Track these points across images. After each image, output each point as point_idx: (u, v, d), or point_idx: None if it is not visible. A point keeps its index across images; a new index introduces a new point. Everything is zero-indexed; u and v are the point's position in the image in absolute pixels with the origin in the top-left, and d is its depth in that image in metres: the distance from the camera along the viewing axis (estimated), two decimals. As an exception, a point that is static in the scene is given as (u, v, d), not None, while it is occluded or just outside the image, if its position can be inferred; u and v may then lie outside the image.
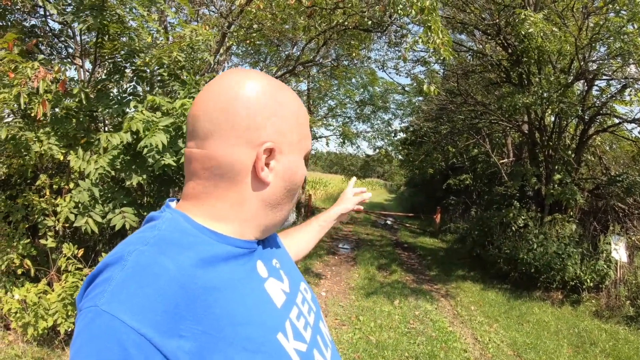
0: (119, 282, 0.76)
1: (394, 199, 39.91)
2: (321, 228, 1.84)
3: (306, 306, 1.08)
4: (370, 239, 15.23)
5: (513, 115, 10.64)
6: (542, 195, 10.38)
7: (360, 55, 13.07)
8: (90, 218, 4.17)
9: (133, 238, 0.87)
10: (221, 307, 0.82)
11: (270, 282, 0.98)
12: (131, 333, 0.71)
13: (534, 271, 8.88)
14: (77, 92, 4.48)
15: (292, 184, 1.00)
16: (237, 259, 0.92)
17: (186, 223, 0.91)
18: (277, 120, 0.94)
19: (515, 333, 6.74)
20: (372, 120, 19.04)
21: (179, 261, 0.82)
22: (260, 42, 11.10)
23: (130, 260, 0.79)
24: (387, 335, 6.14)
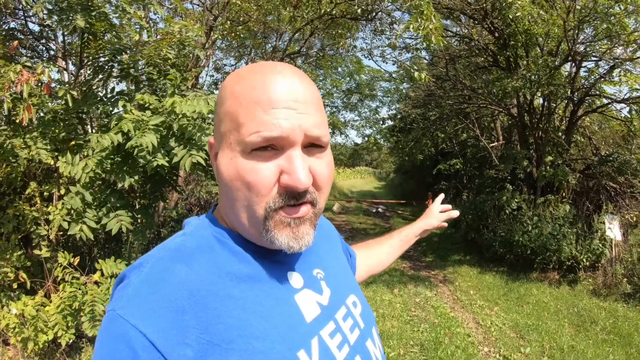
0: (134, 288, 0.78)
1: (384, 186, 39.93)
2: (402, 243, 1.74)
3: (349, 322, 0.99)
4: (363, 228, 15.29)
5: (503, 99, 10.66)
6: (534, 178, 10.43)
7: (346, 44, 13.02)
8: (85, 224, 4.05)
9: (163, 244, 0.88)
10: (233, 316, 0.80)
11: (304, 294, 0.92)
12: (140, 337, 0.73)
13: (529, 253, 8.93)
14: (62, 94, 4.37)
15: (224, 183, 0.88)
16: (261, 264, 0.89)
17: (211, 227, 0.91)
18: (228, 109, 0.87)
19: (516, 315, 6.78)
20: (359, 109, 19.03)
21: (194, 267, 0.82)
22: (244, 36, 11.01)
23: (147, 266, 0.81)
24: (390, 325, 6.15)
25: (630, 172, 9.53)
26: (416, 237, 1.77)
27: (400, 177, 29.30)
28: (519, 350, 5.62)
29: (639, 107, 9.27)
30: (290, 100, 0.83)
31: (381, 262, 1.66)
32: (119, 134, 3.97)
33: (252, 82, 0.85)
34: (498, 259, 9.88)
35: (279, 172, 0.83)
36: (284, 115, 0.82)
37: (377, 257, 1.64)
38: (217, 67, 14.88)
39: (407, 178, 25.55)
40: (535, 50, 10.34)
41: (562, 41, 9.47)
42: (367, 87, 17.82)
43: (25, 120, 3.94)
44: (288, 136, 0.82)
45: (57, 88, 4.57)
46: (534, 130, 10.76)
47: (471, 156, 16.93)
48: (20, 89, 3.87)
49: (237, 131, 0.84)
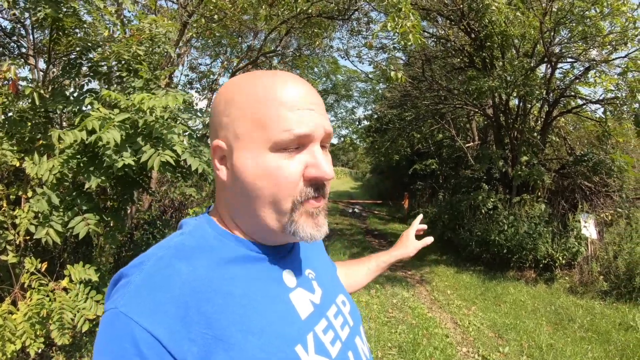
0: (136, 286, 0.80)
1: (360, 186, 40.00)
2: (378, 269, 1.75)
3: (340, 320, 1.04)
4: (340, 229, 15.22)
5: (478, 98, 10.70)
6: (509, 177, 10.48)
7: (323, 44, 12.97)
8: (51, 228, 3.90)
9: (161, 243, 0.90)
10: (235, 313, 0.82)
11: (298, 293, 0.96)
12: (145, 334, 0.74)
13: (506, 252, 8.97)
14: (29, 92, 4.19)
15: (242, 185, 0.91)
16: (259, 263, 0.92)
17: (209, 228, 0.93)
18: (234, 113, 0.91)
19: (493, 314, 6.78)
20: (335, 109, 19.01)
21: (195, 265, 0.84)
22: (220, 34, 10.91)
23: (148, 264, 0.83)
24: (367, 327, 6.08)
25: (604, 172, 9.63)
26: (391, 264, 1.80)
27: (377, 177, 29.36)
28: (498, 349, 5.60)
29: (613, 108, 9.36)
30: (309, 102, 0.91)
31: (357, 283, 1.69)
32: (84, 131, 3.82)
33: (270, 85, 0.90)
34: (474, 258, 9.90)
35: (304, 167, 0.90)
36: (308, 115, 0.90)
37: (354, 277, 1.67)
38: (192, 66, 14.75)
39: (383, 178, 25.61)
40: (511, 51, 10.40)
41: (538, 43, 9.52)
42: (343, 87, 17.80)
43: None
44: (313, 133, 0.90)
45: (24, 86, 4.40)
46: (510, 131, 10.82)
47: (447, 156, 17.03)
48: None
49: (263, 130, 0.88)
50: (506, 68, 9.40)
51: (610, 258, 7.92)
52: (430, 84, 12.89)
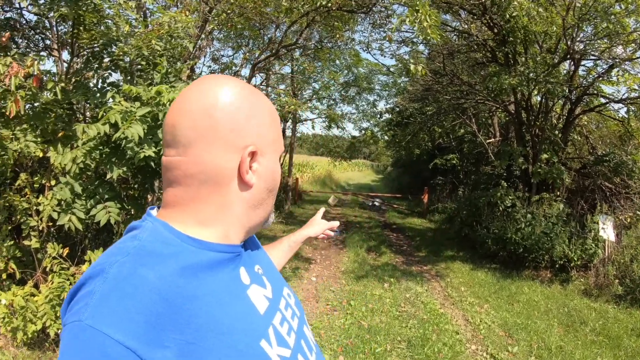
0: (101, 296, 0.77)
1: (381, 179, 39.89)
2: (290, 248, 1.84)
3: (289, 311, 1.09)
4: (358, 221, 15.26)
5: (499, 95, 10.62)
6: (529, 175, 10.39)
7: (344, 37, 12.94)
8: (74, 215, 4.00)
9: (114, 249, 0.87)
10: (204, 316, 0.83)
11: (253, 289, 0.98)
12: (116, 346, 0.72)
13: (522, 250, 8.92)
14: (51, 86, 4.31)
15: (273, 184, 1.03)
16: (220, 265, 0.92)
17: (167, 232, 0.91)
18: (256, 123, 0.96)
19: (506, 313, 6.76)
20: (357, 102, 18.94)
21: (160, 271, 0.82)
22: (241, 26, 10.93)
23: (112, 272, 0.80)
24: (378, 320, 6.13)
25: (625, 173, 9.51)
26: (301, 243, 1.91)
27: (397, 170, 29.31)
28: (507, 349, 5.60)
29: (636, 108, 9.24)
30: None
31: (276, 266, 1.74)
32: (107, 124, 3.92)
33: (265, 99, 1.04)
34: (491, 255, 9.87)
35: None
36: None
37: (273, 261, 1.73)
38: (215, 57, 14.83)
39: (404, 172, 25.56)
40: (534, 47, 10.28)
41: (561, 39, 9.41)
42: (364, 80, 17.72)
43: (12, 113, 3.89)
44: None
45: (47, 80, 4.51)
46: (531, 128, 10.72)
47: (468, 152, 16.92)
48: (9, 82, 3.83)
49: (280, 140, 1.05)
50: (528, 64, 9.31)
51: (627, 262, 7.84)
52: (451, 79, 12.80)
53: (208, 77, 0.99)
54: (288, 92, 15.25)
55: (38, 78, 4.28)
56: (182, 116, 0.92)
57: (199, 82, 0.97)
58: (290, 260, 9.06)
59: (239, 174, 0.94)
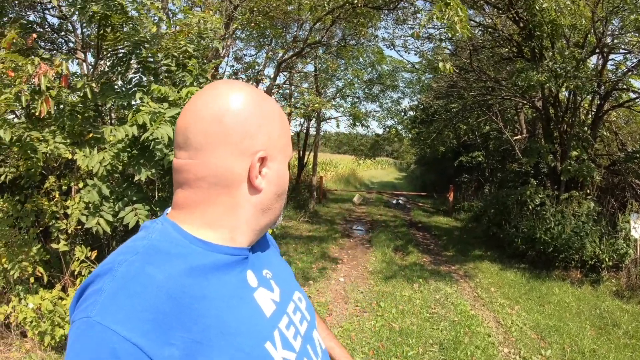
0: (109, 293, 0.79)
1: (405, 177, 39.77)
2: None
3: (298, 315, 1.11)
4: (384, 220, 15.21)
5: (527, 92, 10.46)
6: (557, 173, 10.24)
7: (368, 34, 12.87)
8: (102, 218, 4.00)
9: (124, 248, 0.90)
10: (211, 316, 0.85)
11: (260, 292, 1.01)
12: (124, 342, 0.74)
13: (551, 250, 8.78)
14: (80, 86, 4.28)
15: (282, 188, 1.05)
16: (227, 267, 0.95)
17: (176, 233, 0.94)
18: (266, 129, 0.99)
19: (537, 315, 6.66)
20: (380, 100, 18.84)
21: (167, 270, 0.85)
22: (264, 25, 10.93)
23: (120, 271, 0.82)
24: (409, 322, 6.07)
25: (657, 170, 9.32)
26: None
27: (421, 168, 29.14)
28: (540, 352, 5.51)
29: (667, 103, 9.06)
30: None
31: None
32: (134, 126, 3.89)
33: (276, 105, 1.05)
34: (519, 255, 9.75)
35: None
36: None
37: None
38: (237, 57, 14.85)
39: (428, 169, 25.40)
40: (561, 41, 10.11)
41: (589, 33, 9.25)
42: (388, 77, 17.61)
43: (43, 113, 3.86)
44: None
45: (75, 80, 4.50)
46: (559, 124, 10.55)
47: (493, 149, 16.74)
48: (39, 82, 3.80)
49: (290, 146, 1.08)
50: (556, 59, 9.16)
51: (659, 262, 7.70)
52: (478, 74, 12.65)
53: (221, 82, 1.01)
54: (312, 90, 15.22)
55: (66, 78, 4.25)
56: (194, 120, 0.94)
57: (211, 87, 0.99)
58: (318, 260, 9.05)
59: (248, 179, 0.97)
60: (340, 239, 11.56)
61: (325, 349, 1.21)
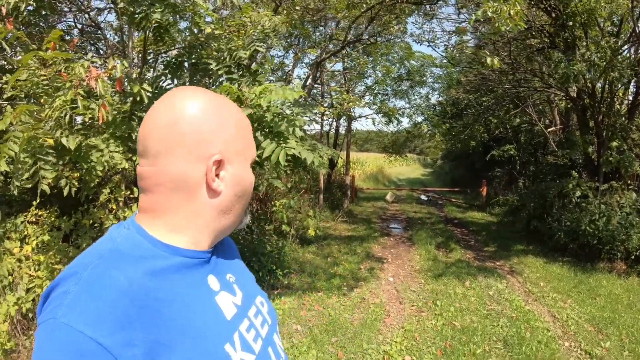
0: (74, 295, 0.82)
1: (431, 173, 39.55)
2: None
3: (259, 319, 1.15)
4: (419, 217, 15.19)
5: (565, 83, 10.35)
6: (595, 164, 10.16)
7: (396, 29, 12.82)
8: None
9: (89, 252, 0.94)
10: (171, 318, 0.89)
11: (222, 296, 1.05)
12: (90, 342, 0.77)
13: (596, 242, 8.72)
14: (137, 90, 4.08)
15: (241, 190, 1.08)
16: (189, 270, 0.99)
17: (140, 237, 0.98)
18: (222, 134, 1.02)
19: (590, 308, 6.62)
20: (409, 96, 18.73)
21: (130, 274, 0.88)
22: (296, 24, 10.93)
23: (85, 274, 0.85)
24: (469, 320, 6.06)
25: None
26: None
27: (450, 163, 28.97)
28: (599, 344, 5.48)
29: None
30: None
31: None
32: None
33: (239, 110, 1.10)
34: (561, 248, 9.69)
35: None
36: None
37: None
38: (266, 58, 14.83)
39: (457, 165, 25.24)
40: (595, 30, 10.00)
41: (625, 20, 9.15)
42: (417, 73, 17.51)
43: (102, 120, 3.70)
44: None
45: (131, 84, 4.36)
46: (596, 114, 10.44)
47: (525, 142, 16.60)
48: (94, 86, 3.65)
49: (250, 149, 1.11)
50: (590, 48, 9.08)
51: None
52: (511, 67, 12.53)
53: (177, 90, 1.05)
54: (342, 89, 15.20)
55: (121, 82, 4.06)
56: (151, 129, 0.98)
57: (168, 96, 1.02)
58: (364, 260, 9.09)
59: (206, 182, 1.00)
60: (380, 237, 11.55)
61: (286, 353, 1.26)
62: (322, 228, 11.43)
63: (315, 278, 7.72)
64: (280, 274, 7.53)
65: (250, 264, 7.17)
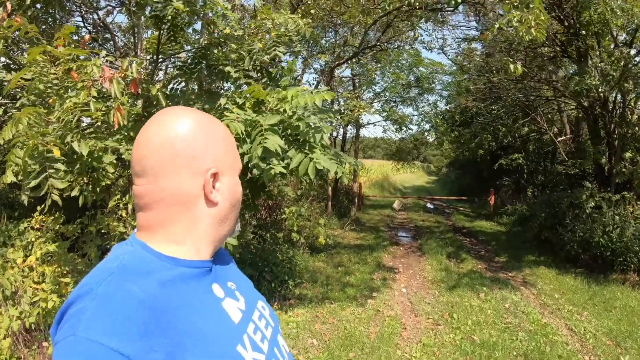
0: (93, 311, 0.85)
1: (435, 181, 39.50)
2: None
3: (263, 321, 1.20)
4: (427, 226, 15.11)
5: (580, 95, 10.26)
6: (605, 174, 10.06)
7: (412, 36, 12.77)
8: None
9: (97, 270, 0.97)
10: (184, 323, 0.93)
11: (227, 302, 1.09)
12: (112, 353, 0.80)
13: (609, 254, 8.63)
14: (155, 92, 3.96)
15: (235, 199, 1.15)
16: (194, 279, 1.03)
17: (145, 252, 1.02)
18: (213, 149, 1.08)
19: (607, 321, 6.52)
20: (417, 103, 18.68)
21: (142, 285, 0.92)
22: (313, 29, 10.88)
23: (100, 289, 0.89)
24: (488, 334, 5.95)
25: None
26: None
27: (456, 172, 28.86)
28: (619, 358, 5.40)
29: None
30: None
31: None
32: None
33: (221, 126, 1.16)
34: (572, 259, 9.58)
35: None
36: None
37: None
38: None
39: (464, 173, 25.13)
40: (609, 39, 9.92)
41: (639, 30, 9.08)
42: (426, 80, 17.44)
43: (117, 123, 3.51)
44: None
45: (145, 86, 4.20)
46: (608, 124, 10.35)
47: (533, 151, 16.50)
48: (109, 87, 3.47)
49: (238, 161, 1.18)
50: (603, 58, 9.00)
51: None
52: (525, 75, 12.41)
53: (167, 110, 1.11)
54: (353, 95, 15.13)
55: (136, 83, 3.86)
56: (147, 150, 1.04)
57: (159, 117, 1.08)
58: (376, 270, 8.99)
59: (204, 194, 1.06)
60: (390, 247, 11.46)
61: (290, 352, 1.27)
62: (331, 236, 11.33)
63: (327, 288, 7.62)
64: (292, 285, 7.43)
65: (263, 274, 7.09)
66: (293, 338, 5.61)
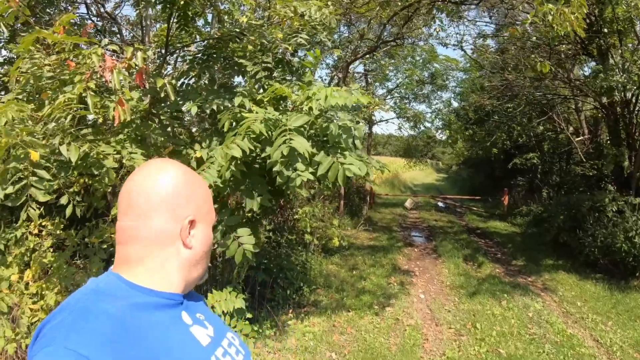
0: (69, 324, 0.96)
1: (446, 179, 39.25)
2: None
3: (233, 349, 1.25)
4: (440, 226, 14.91)
5: (604, 95, 9.99)
6: (625, 176, 9.79)
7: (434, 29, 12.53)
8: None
9: (75, 293, 1.07)
10: (154, 341, 1.02)
11: (195, 328, 1.17)
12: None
13: (631, 259, 8.39)
14: (161, 85, 3.60)
15: (208, 246, 1.26)
16: (164, 308, 1.12)
17: (120, 282, 1.11)
18: (193, 198, 1.20)
19: (632, 332, 6.35)
20: (430, 100, 18.43)
21: (116, 305, 1.02)
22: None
23: (77, 306, 1.01)
24: (514, 346, 5.72)
25: None
26: None
27: (468, 170, 28.58)
28: (648, 373, 5.20)
29: None
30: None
31: None
32: (245, 138, 3.23)
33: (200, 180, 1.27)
34: (591, 264, 9.38)
35: None
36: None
37: None
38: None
39: (476, 171, 24.85)
40: (631, 38, 9.64)
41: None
42: (441, 77, 17.19)
43: (118, 121, 3.12)
44: None
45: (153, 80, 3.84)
46: (630, 125, 10.08)
47: (548, 150, 16.23)
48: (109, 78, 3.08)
49: (212, 212, 1.29)
50: (625, 57, 8.74)
51: None
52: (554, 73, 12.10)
53: (152, 163, 1.23)
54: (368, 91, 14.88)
55: (142, 74, 3.38)
56: (137, 193, 1.15)
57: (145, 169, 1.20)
58: (391, 274, 8.76)
59: (181, 238, 1.17)
60: (404, 248, 11.26)
61: None
62: (344, 237, 11.08)
63: (343, 294, 7.40)
64: (307, 291, 7.22)
65: (277, 281, 6.86)
66: (311, 352, 5.39)
